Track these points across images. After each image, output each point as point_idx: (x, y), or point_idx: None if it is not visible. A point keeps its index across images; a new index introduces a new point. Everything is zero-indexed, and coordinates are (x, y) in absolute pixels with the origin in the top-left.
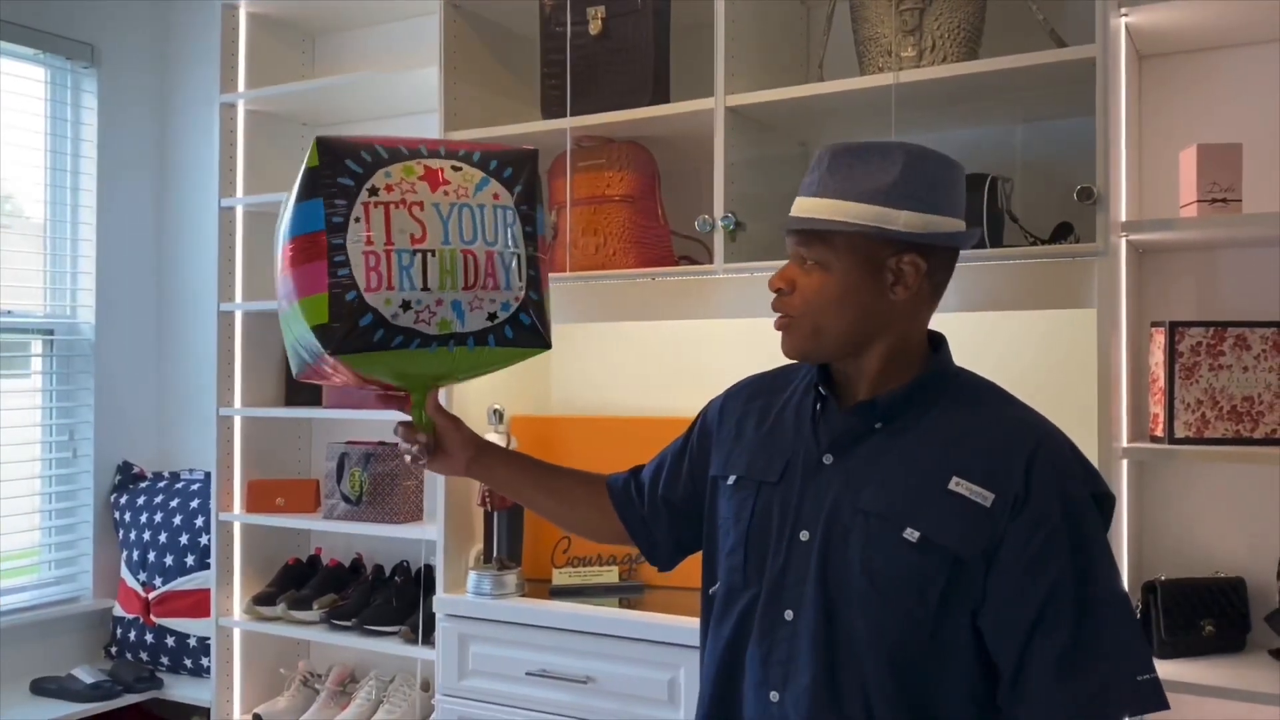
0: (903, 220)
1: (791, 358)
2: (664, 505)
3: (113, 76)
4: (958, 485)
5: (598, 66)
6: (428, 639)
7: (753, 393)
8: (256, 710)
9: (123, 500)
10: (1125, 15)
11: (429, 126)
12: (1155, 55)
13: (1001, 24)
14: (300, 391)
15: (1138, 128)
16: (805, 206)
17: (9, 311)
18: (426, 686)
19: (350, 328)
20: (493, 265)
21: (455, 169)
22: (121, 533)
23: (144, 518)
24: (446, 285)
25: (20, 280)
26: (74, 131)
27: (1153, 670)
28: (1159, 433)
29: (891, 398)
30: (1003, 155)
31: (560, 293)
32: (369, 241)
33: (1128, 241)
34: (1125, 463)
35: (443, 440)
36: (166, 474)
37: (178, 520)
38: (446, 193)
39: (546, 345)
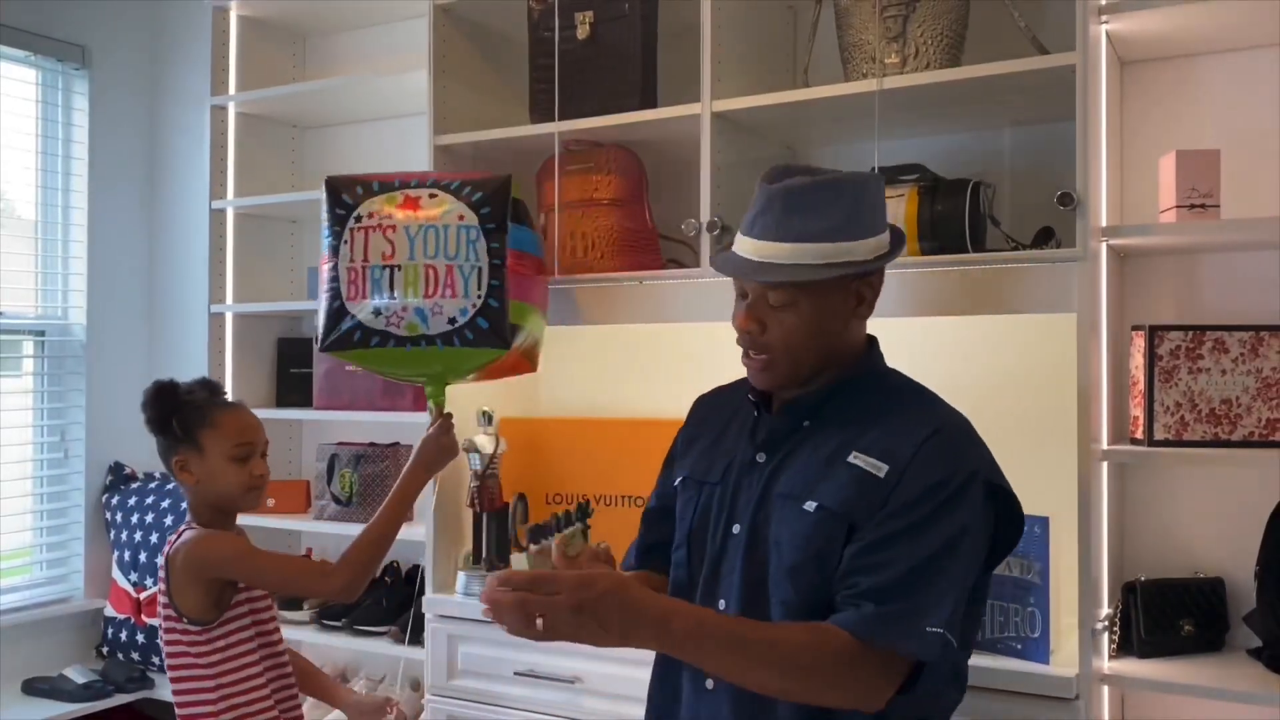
0: (862, 250)
1: (769, 389)
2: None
3: (104, 78)
4: (855, 459)
5: (586, 71)
6: (417, 639)
7: (710, 405)
8: None
9: (114, 501)
10: (1106, 22)
11: (418, 129)
12: (1136, 62)
13: (984, 30)
14: (291, 392)
15: (1119, 133)
16: (764, 250)
17: (0, 312)
18: (416, 686)
19: (334, 329)
20: (451, 276)
21: (432, 196)
22: (113, 533)
23: (135, 518)
24: (410, 294)
25: (11, 281)
26: (65, 133)
27: (942, 627)
28: (1139, 435)
29: (813, 397)
30: (988, 160)
31: (548, 296)
32: (351, 259)
33: (1108, 246)
34: (1105, 465)
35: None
36: (158, 474)
37: (169, 521)
38: (418, 216)
39: (504, 347)
